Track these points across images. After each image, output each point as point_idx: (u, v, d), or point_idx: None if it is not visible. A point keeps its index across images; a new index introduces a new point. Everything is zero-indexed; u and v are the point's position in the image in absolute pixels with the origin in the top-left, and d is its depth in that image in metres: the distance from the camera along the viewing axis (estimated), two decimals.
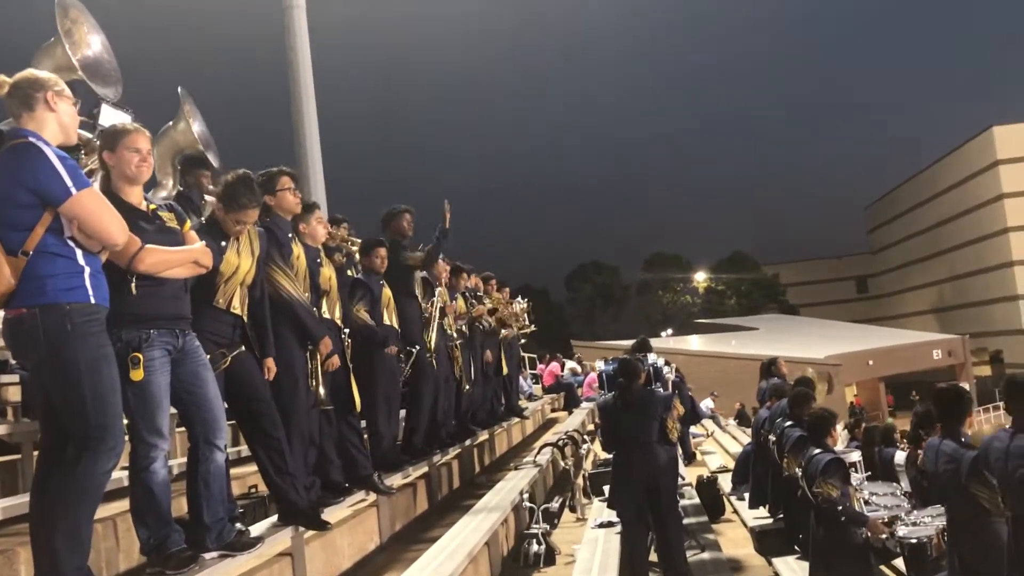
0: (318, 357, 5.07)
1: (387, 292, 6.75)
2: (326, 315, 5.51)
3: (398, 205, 7.64)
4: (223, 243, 4.29)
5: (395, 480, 6.45)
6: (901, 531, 6.49)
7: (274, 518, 4.59)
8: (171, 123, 5.54)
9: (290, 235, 5.17)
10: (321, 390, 5.06)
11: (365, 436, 6.24)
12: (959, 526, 5.33)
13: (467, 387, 8.60)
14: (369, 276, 6.66)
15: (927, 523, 6.42)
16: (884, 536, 6.51)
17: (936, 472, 5.49)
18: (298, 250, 5.17)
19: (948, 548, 5.52)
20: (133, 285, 3.47)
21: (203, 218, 4.77)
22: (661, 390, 7.53)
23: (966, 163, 61.47)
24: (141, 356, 3.44)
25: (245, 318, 4.33)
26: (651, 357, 8.22)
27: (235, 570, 4.04)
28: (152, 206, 3.74)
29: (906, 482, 8.46)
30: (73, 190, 3.05)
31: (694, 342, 48.96)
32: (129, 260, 3.44)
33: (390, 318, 6.72)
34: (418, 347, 7.17)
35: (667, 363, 11.26)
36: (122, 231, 3.25)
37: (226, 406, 4.15)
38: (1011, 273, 56.92)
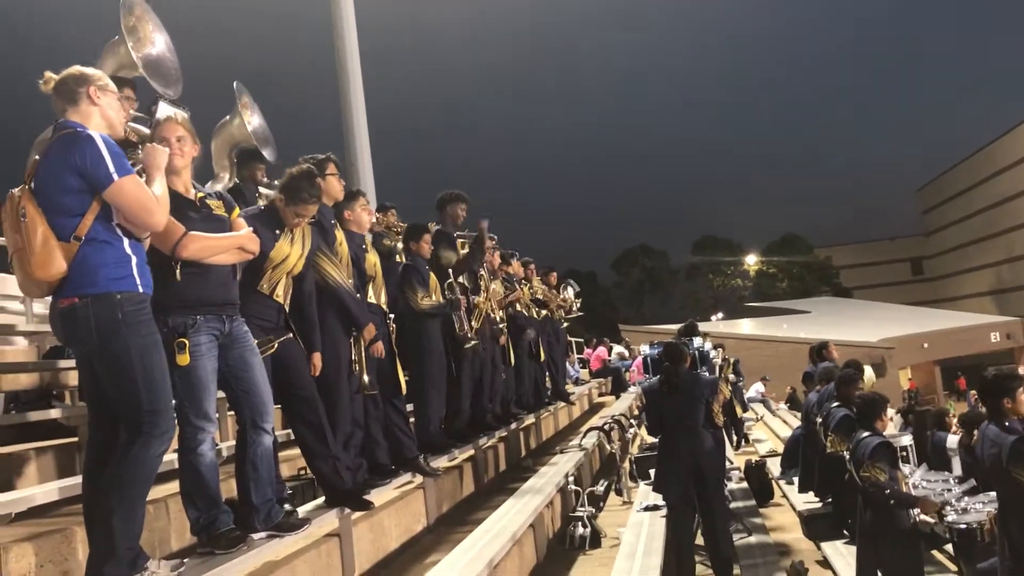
0: (362, 343, 5.15)
1: (434, 278, 6.81)
2: (371, 300, 5.59)
3: (454, 191, 7.69)
4: (277, 231, 4.37)
5: (441, 463, 6.52)
6: (950, 516, 6.40)
7: (321, 500, 4.67)
8: (228, 117, 5.66)
9: (333, 222, 5.24)
10: (365, 376, 5.13)
11: (412, 419, 6.32)
12: (1007, 511, 5.25)
13: (503, 374, 8.63)
14: (416, 260, 6.72)
15: (978, 509, 6.32)
16: (934, 521, 6.43)
17: (983, 456, 5.41)
18: (341, 237, 5.24)
19: (998, 533, 5.43)
20: (178, 271, 3.56)
21: (262, 204, 4.86)
22: (707, 374, 7.50)
23: (1021, 143, 59.85)
24: (187, 341, 3.52)
25: (287, 307, 4.40)
26: (697, 341, 8.18)
27: (283, 551, 4.14)
28: (200, 194, 3.82)
29: (958, 467, 8.34)
30: (115, 176, 3.12)
31: (745, 326, 48.47)
32: (173, 247, 3.53)
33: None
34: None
35: (716, 347, 11.24)
36: (161, 217, 3.31)
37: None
38: None
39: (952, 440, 8.89)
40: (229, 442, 5.27)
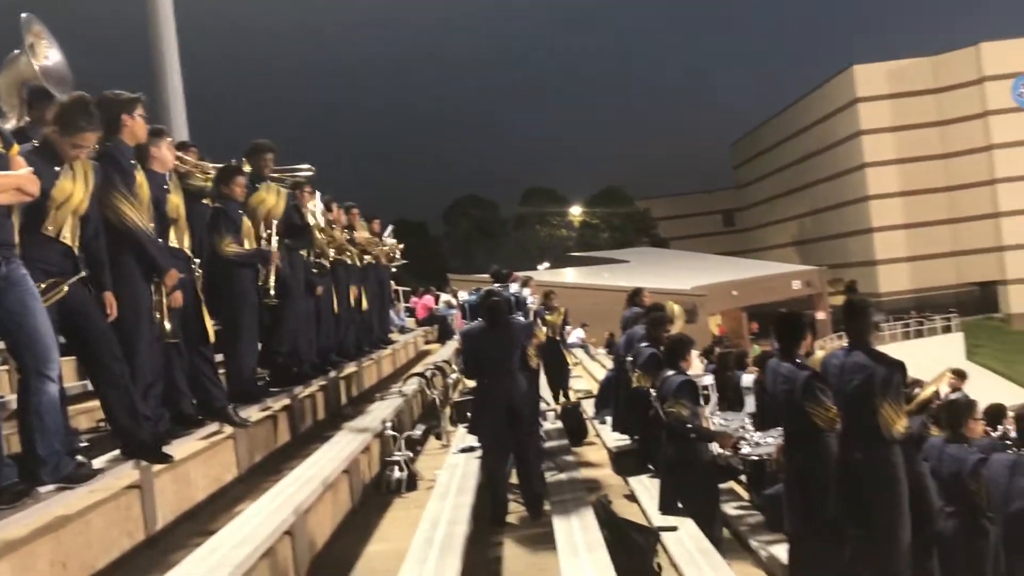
0: (163, 289, 4.93)
1: (248, 223, 6.58)
2: (174, 244, 5.36)
3: (261, 141, 7.41)
4: (56, 168, 4.10)
5: (253, 412, 6.39)
6: (744, 450, 6.91)
7: (118, 452, 4.49)
8: (16, 51, 5.21)
9: (133, 162, 4.97)
10: (167, 324, 4.92)
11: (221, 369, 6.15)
12: (794, 442, 5.68)
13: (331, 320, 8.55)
14: (228, 205, 6.47)
15: (768, 443, 6.84)
16: (730, 454, 6.91)
17: (774, 392, 5.82)
18: (141, 178, 4.97)
19: (785, 462, 5.88)
20: None
21: (35, 142, 4.53)
22: (522, 319, 7.67)
23: (827, 101, 64.10)
24: None
25: (76, 250, 4.16)
26: (513, 287, 8.34)
27: (77, 504, 3.97)
28: None
29: (751, 404, 8.95)
30: None
31: (569, 275, 49.83)
32: None
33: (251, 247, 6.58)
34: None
35: (547, 294, 11.55)
36: None
37: (63, 340, 4.02)
38: (866, 207, 60.15)
39: (747, 379, 9.50)
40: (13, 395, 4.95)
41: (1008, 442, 8.54)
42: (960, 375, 13.28)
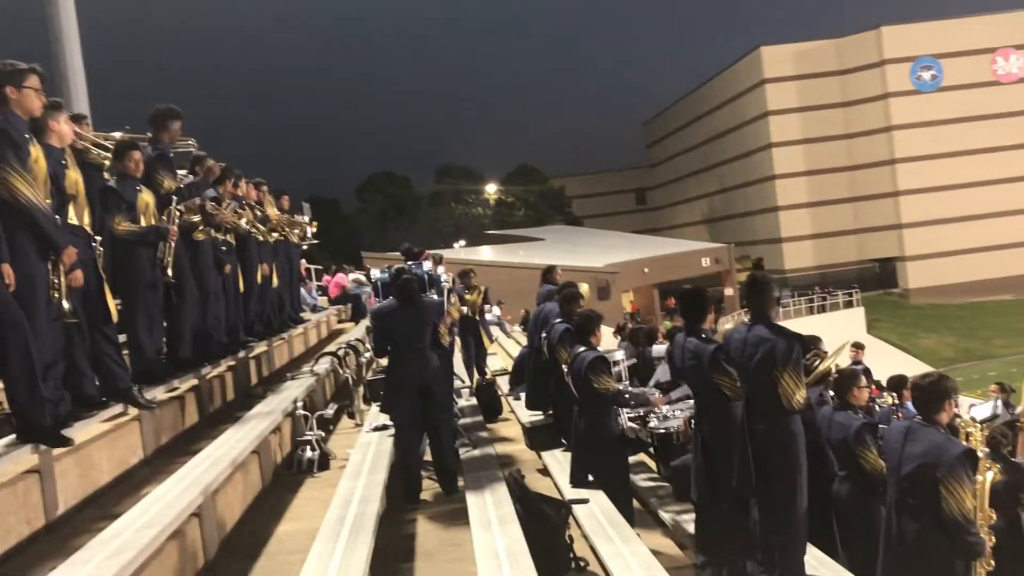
0: (61, 268, 4.76)
1: (144, 197, 6.38)
2: (73, 221, 5.18)
3: (168, 106, 7.18)
4: None
5: (159, 393, 6.25)
6: (652, 423, 7.08)
7: (13, 436, 4.34)
8: None
9: (27, 136, 4.76)
10: (65, 303, 4.74)
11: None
12: (703, 413, 5.85)
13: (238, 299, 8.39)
14: (124, 181, 6.26)
15: (676, 416, 7.01)
16: (638, 428, 7.08)
17: (683, 367, 5.97)
18: (37, 152, 4.78)
19: (694, 433, 6.05)
20: None
21: None
22: (435, 297, 7.67)
23: (736, 81, 65.46)
24: None
25: None
26: (426, 264, 8.32)
27: None
28: None
29: (663, 372, 9.16)
30: None
31: (485, 252, 49.92)
32: None
33: (148, 224, 6.39)
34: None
35: (465, 272, 11.53)
36: None
37: None
38: (773, 186, 61.80)
39: (659, 350, 9.71)
40: None
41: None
42: (859, 347, 13.87)
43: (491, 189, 73.68)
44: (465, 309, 10.94)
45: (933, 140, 56.92)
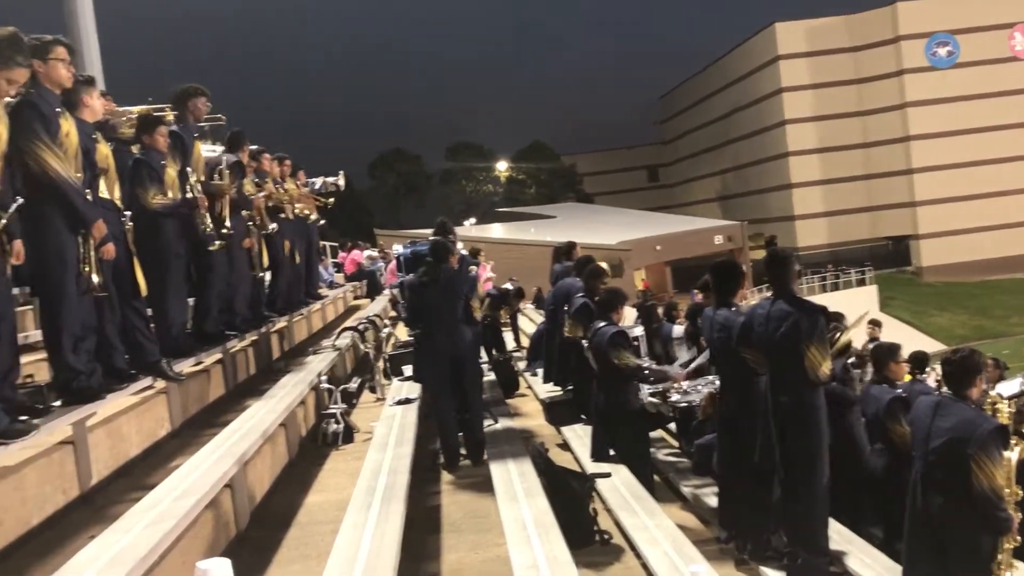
0: (91, 241, 4.78)
1: (171, 172, 6.40)
2: (104, 195, 5.20)
3: (194, 84, 7.17)
4: None
5: (187, 367, 6.30)
6: (674, 397, 7.09)
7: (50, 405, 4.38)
8: None
9: (58, 110, 4.77)
10: (95, 277, 4.76)
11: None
12: (728, 385, 5.87)
13: (261, 275, 8.44)
14: (150, 155, 6.28)
15: (698, 391, 7.02)
16: (659, 402, 7.10)
17: (711, 339, 5.99)
18: (68, 125, 4.78)
19: (718, 405, 6.06)
20: None
21: None
22: (469, 271, 7.74)
23: (750, 57, 64.93)
24: None
25: None
26: (459, 246, 8.34)
27: (9, 459, 3.87)
28: None
29: (683, 354, 9.17)
30: None
31: (496, 230, 49.89)
32: None
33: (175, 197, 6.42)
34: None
35: (474, 252, 11.57)
36: None
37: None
38: (786, 163, 61.45)
39: (678, 330, 9.72)
40: None
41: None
42: (876, 324, 13.87)
43: (502, 166, 73.48)
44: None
45: (948, 117, 56.41)
